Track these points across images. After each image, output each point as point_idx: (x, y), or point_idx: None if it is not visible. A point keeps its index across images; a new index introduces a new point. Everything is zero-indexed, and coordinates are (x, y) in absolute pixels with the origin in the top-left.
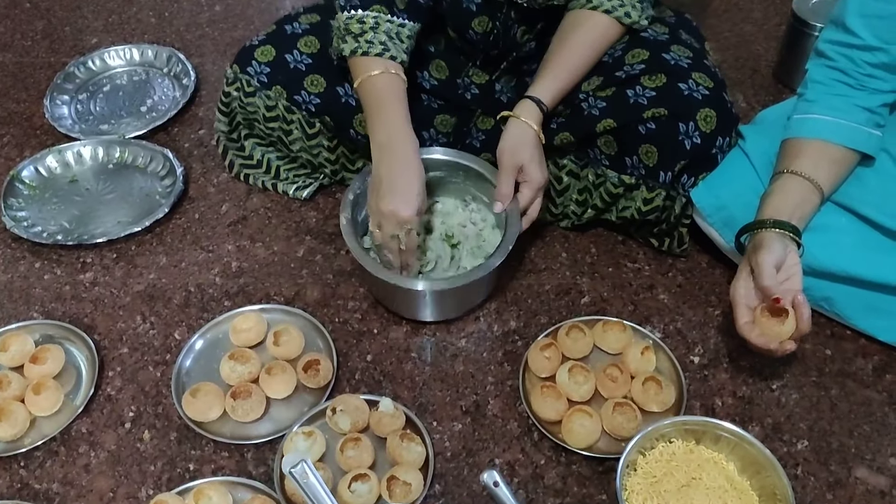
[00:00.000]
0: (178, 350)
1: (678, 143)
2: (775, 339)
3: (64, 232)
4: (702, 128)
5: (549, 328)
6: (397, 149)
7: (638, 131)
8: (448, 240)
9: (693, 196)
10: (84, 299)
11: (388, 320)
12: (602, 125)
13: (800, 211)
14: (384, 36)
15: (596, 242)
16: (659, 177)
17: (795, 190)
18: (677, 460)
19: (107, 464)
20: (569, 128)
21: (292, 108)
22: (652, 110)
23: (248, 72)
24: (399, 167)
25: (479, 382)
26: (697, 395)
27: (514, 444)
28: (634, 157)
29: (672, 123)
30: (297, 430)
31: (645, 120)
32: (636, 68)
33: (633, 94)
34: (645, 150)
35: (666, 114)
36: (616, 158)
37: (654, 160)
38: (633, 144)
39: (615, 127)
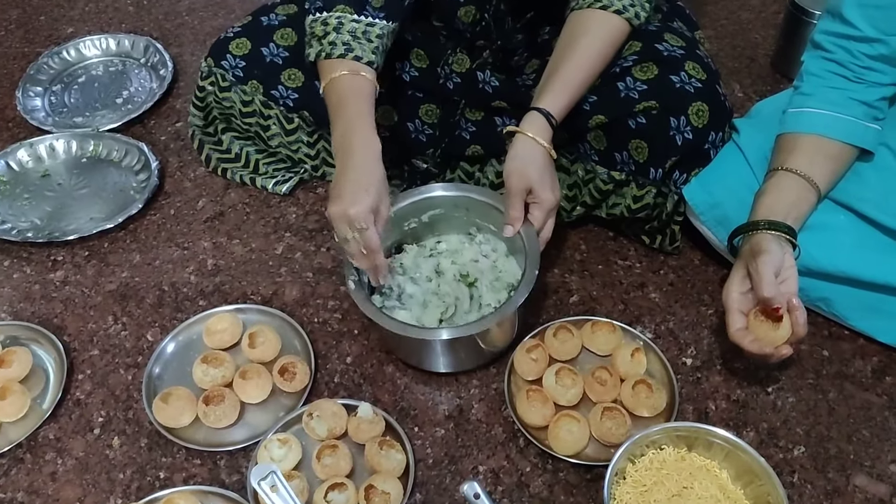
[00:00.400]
0: (150, 352)
1: (669, 138)
2: (770, 345)
3: (35, 229)
4: (693, 122)
5: (536, 329)
6: (349, 147)
7: (628, 126)
8: (464, 279)
9: (685, 193)
10: (54, 299)
11: (368, 321)
12: (593, 120)
13: (795, 210)
14: (347, 36)
15: (586, 239)
16: (649, 173)
17: (790, 188)
18: (668, 468)
19: (74, 472)
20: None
21: (269, 104)
22: (643, 104)
23: (223, 66)
24: (349, 166)
25: (463, 386)
26: (690, 399)
27: (499, 451)
28: (624, 153)
29: (663, 118)
30: (272, 437)
31: (635, 114)
32: (629, 59)
33: (623, 87)
34: (635, 145)
35: (657, 107)
36: (606, 154)
37: (645, 156)
38: (624, 139)
39: (606, 122)
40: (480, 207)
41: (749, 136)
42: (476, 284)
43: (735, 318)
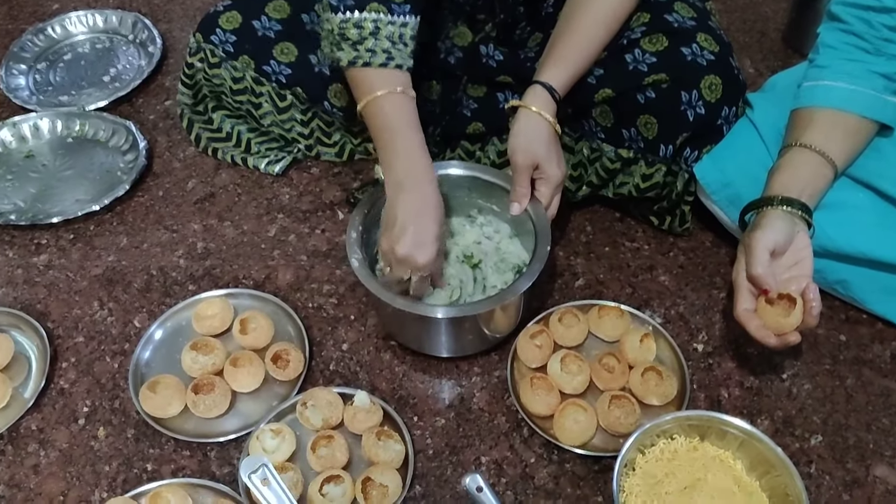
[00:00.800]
0: (138, 339)
1: (680, 113)
2: (777, 331)
3: (18, 211)
4: (706, 96)
5: (541, 314)
6: (416, 188)
7: (636, 100)
8: (468, 260)
9: (696, 171)
10: (37, 284)
11: (365, 305)
12: (600, 95)
13: (810, 187)
14: (387, 42)
15: (591, 220)
16: (659, 150)
17: (805, 164)
18: (680, 459)
19: (57, 464)
20: (565, 97)
21: (261, 80)
22: (652, 77)
23: (213, 41)
24: (416, 209)
25: (464, 373)
26: (702, 386)
27: (502, 441)
28: (632, 129)
29: (674, 92)
30: (265, 427)
31: (644, 87)
32: (637, 31)
33: (631, 60)
34: (644, 120)
35: (667, 80)
36: (613, 130)
37: (654, 132)
38: (632, 115)
39: (612, 96)
40: (483, 187)
41: (763, 111)
42: (480, 266)
43: (744, 296)
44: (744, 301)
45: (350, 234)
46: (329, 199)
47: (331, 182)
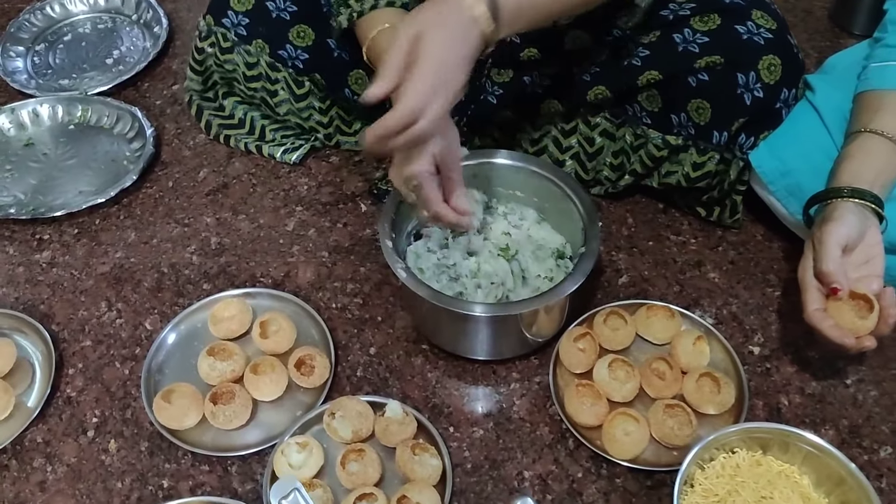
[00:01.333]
0: (149, 343)
1: (736, 97)
2: (852, 334)
3: (18, 204)
4: (764, 78)
5: (583, 314)
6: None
7: (687, 83)
8: (504, 253)
9: (752, 159)
10: (40, 283)
11: (393, 305)
12: (645, 77)
13: (882, 177)
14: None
15: (632, 211)
16: (712, 137)
17: (877, 152)
18: (743, 475)
19: (66, 480)
20: (604, 80)
21: (277, 65)
22: (705, 59)
23: (224, 24)
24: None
25: (502, 379)
26: (759, 393)
27: (546, 454)
28: (682, 115)
29: (729, 74)
30: (290, 441)
31: (696, 70)
32: (685, 8)
33: (681, 40)
34: (695, 105)
35: (721, 62)
36: (660, 115)
37: (707, 117)
38: (682, 99)
39: (660, 79)
40: (500, 172)
41: (825, 95)
42: (517, 257)
43: (813, 295)
44: (814, 300)
45: (385, 244)
46: (350, 191)
47: (352, 172)
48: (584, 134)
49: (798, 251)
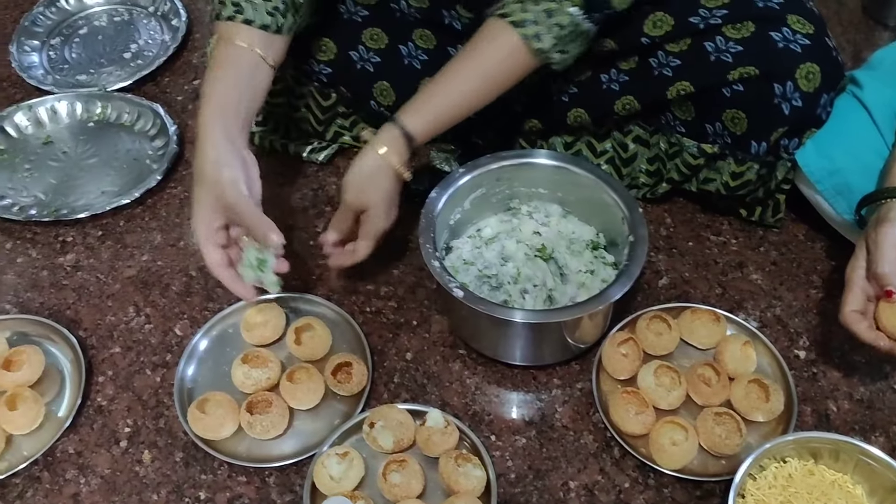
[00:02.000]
0: (181, 350)
1: (773, 107)
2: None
3: (39, 205)
4: (802, 87)
5: (624, 318)
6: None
7: (721, 94)
8: (541, 253)
9: (799, 159)
10: (65, 287)
11: (428, 309)
12: (675, 89)
13: None
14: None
15: (670, 211)
16: (750, 147)
17: None
18: (796, 485)
19: (100, 492)
20: (634, 90)
21: (302, 80)
22: (738, 70)
23: None
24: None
25: (543, 385)
26: (807, 399)
27: (591, 463)
28: (717, 124)
29: (765, 85)
30: (330, 451)
31: (730, 82)
32: (716, 15)
33: (713, 49)
34: (731, 115)
35: (757, 74)
36: (694, 124)
37: (744, 127)
38: (716, 109)
39: (692, 92)
40: (522, 172)
41: (874, 91)
42: (554, 256)
43: (853, 296)
44: (853, 301)
45: (432, 265)
46: None
47: None
48: (618, 139)
49: (841, 251)
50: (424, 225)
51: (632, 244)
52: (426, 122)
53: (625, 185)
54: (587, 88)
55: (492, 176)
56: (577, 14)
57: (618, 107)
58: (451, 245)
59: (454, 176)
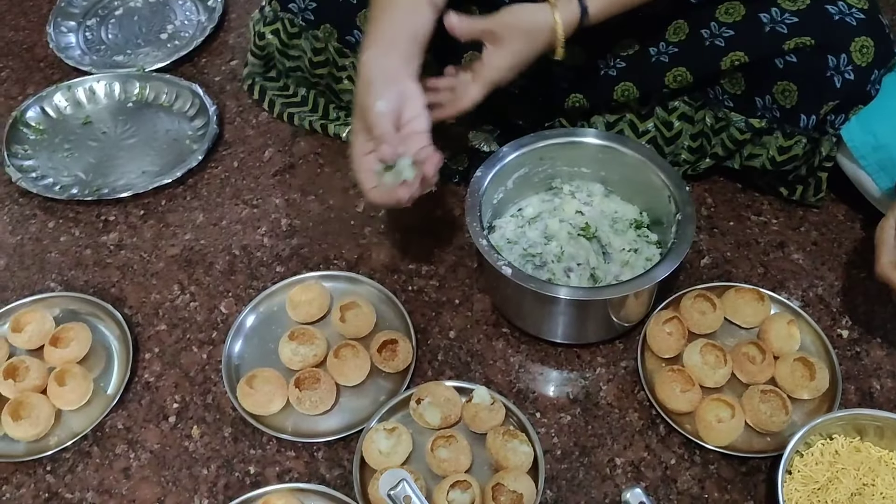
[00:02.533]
0: (227, 327)
1: (825, 80)
2: None
3: (80, 184)
4: (856, 60)
5: (668, 297)
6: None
7: (774, 65)
8: (585, 232)
9: (843, 134)
10: (109, 265)
11: (470, 288)
12: (729, 59)
13: None
14: None
15: (711, 190)
16: (799, 121)
17: None
18: (842, 462)
19: (150, 467)
20: (685, 61)
21: (345, 51)
22: (794, 40)
23: (291, 9)
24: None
25: (587, 364)
26: (850, 377)
27: (637, 440)
28: (767, 97)
29: (819, 56)
30: (378, 426)
31: (784, 52)
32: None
33: (768, 20)
34: (781, 87)
35: (812, 44)
36: (743, 98)
37: (794, 100)
38: (767, 81)
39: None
40: (564, 151)
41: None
42: (597, 235)
43: (886, 249)
44: (887, 253)
45: (480, 243)
46: None
47: None
48: (661, 118)
49: None
50: (470, 204)
51: (679, 222)
52: (605, 4)
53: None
54: (635, 62)
55: (535, 155)
56: None
57: (668, 79)
58: (494, 224)
59: (498, 155)
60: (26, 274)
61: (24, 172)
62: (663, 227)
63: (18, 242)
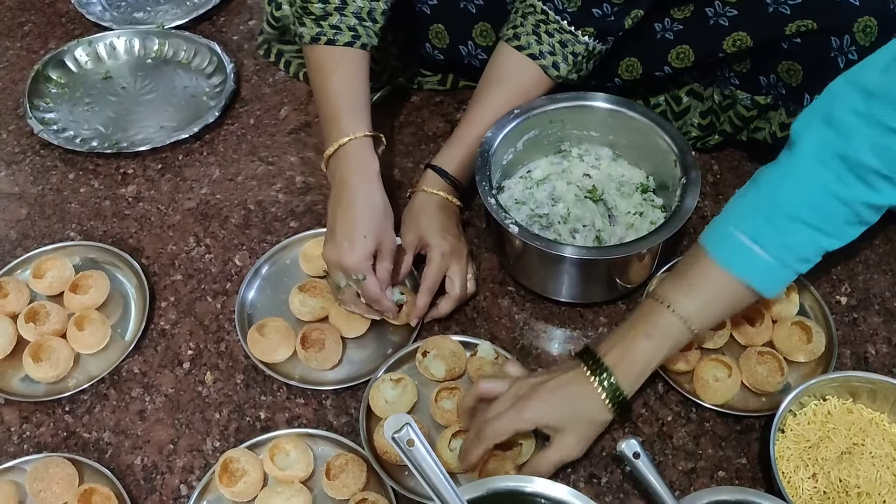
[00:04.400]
0: (240, 279)
1: (829, 60)
2: None
3: (100, 137)
4: (859, 41)
5: (670, 262)
6: (344, 176)
7: (779, 47)
8: (592, 194)
9: None
10: (127, 217)
11: (477, 247)
12: (732, 39)
13: None
14: (353, 19)
15: (718, 158)
16: (803, 100)
17: None
18: (834, 422)
19: (164, 409)
20: (688, 40)
21: None
22: (797, 22)
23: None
24: (344, 201)
25: (589, 323)
26: (846, 342)
27: (635, 397)
28: (772, 76)
29: (822, 38)
30: (385, 376)
31: (787, 35)
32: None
33: (771, 1)
34: (786, 67)
35: (815, 27)
36: (748, 76)
37: (799, 79)
38: (772, 61)
39: (749, 45)
40: (577, 115)
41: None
42: (603, 197)
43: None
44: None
45: (488, 202)
46: (432, 131)
47: (433, 112)
48: (671, 92)
49: None
50: (480, 164)
51: (684, 185)
52: (460, 162)
53: None
54: (640, 37)
55: (545, 118)
56: (590, 42)
57: (671, 57)
58: (503, 185)
59: (508, 117)
60: (47, 223)
61: (45, 125)
62: (668, 191)
63: (40, 193)
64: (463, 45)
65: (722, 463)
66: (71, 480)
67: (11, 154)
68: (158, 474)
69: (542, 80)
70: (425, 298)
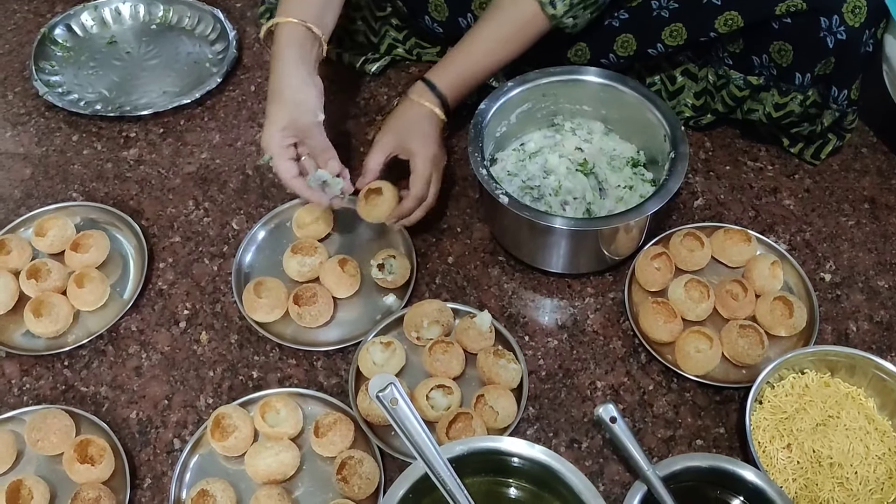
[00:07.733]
0: (237, 242)
1: (818, 40)
2: None
3: (103, 101)
4: (848, 21)
5: (658, 234)
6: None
7: (770, 27)
8: (583, 167)
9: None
10: (128, 179)
11: (470, 217)
12: (724, 18)
13: None
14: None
15: (710, 135)
16: (794, 79)
17: None
18: (811, 395)
19: (160, 367)
20: (683, 18)
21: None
22: (787, 2)
23: None
24: (269, 87)
25: (577, 293)
26: (828, 318)
27: (618, 366)
28: (764, 56)
29: (811, 18)
30: (374, 340)
31: (778, 15)
32: None
33: None
34: (777, 47)
35: (804, 7)
36: (742, 57)
37: (789, 59)
38: (763, 42)
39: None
40: (570, 89)
41: None
42: (595, 171)
43: None
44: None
45: (480, 172)
46: None
47: None
48: (666, 72)
49: (874, 183)
50: (473, 135)
51: (672, 160)
52: (452, 80)
53: None
54: (637, 13)
55: (539, 91)
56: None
57: (665, 34)
58: (496, 157)
59: (502, 90)
60: (50, 184)
61: (50, 87)
62: (658, 166)
63: (43, 154)
64: (462, 17)
65: (700, 432)
66: (68, 432)
67: (17, 115)
68: (153, 428)
69: (536, 16)
70: (411, 204)
